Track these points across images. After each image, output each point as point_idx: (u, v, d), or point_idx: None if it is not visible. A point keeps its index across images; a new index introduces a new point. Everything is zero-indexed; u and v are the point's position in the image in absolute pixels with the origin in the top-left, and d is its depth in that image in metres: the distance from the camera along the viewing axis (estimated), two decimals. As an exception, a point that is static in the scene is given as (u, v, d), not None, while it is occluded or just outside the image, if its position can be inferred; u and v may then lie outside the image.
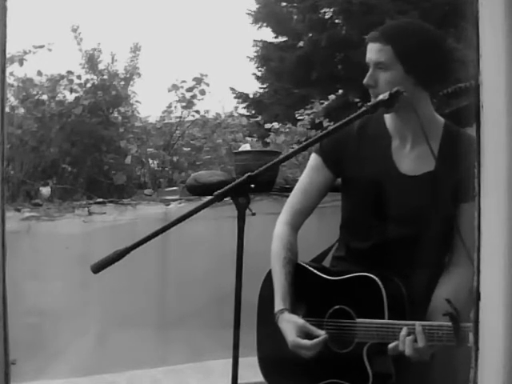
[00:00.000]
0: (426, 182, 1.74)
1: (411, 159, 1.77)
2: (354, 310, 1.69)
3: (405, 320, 1.61)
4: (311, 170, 1.89)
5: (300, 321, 1.72)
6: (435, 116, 1.81)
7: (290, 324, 1.72)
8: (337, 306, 1.73)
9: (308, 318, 1.75)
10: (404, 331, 1.58)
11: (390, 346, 1.60)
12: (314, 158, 1.90)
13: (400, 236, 1.74)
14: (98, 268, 1.46)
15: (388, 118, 1.81)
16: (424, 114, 1.73)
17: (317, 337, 1.68)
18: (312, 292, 1.83)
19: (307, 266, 1.87)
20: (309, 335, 1.69)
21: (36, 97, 5.17)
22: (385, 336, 1.62)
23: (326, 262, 1.98)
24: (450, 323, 1.50)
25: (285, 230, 1.87)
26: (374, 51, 1.71)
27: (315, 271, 1.84)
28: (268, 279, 1.88)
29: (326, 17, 11.07)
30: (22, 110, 5.16)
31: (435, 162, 1.71)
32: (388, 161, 1.78)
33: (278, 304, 1.77)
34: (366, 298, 1.69)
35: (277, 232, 1.89)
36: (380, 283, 1.64)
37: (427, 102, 1.77)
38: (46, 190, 4.51)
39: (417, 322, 1.58)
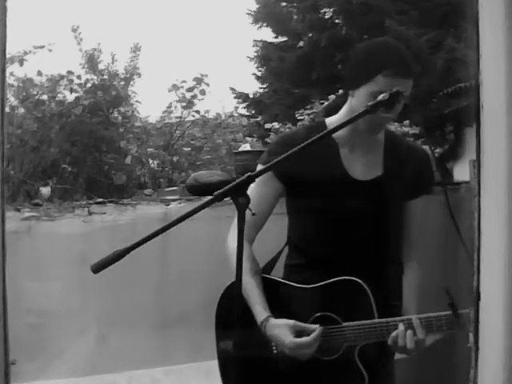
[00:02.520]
0: (376, 185, 1.78)
1: (361, 166, 1.80)
2: (338, 315, 1.69)
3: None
4: (260, 183, 1.81)
5: (290, 321, 1.69)
6: None
7: (282, 327, 1.69)
8: (318, 314, 1.71)
9: None
10: (402, 327, 1.61)
11: (390, 342, 1.62)
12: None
13: (357, 238, 1.76)
14: (97, 268, 1.46)
15: (331, 126, 1.81)
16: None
17: (312, 332, 1.66)
18: (287, 303, 1.80)
19: (275, 278, 1.85)
20: (302, 334, 1.68)
21: (36, 97, 5.18)
22: (378, 335, 1.64)
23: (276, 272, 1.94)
24: (447, 312, 1.56)
25: None
26: (407, 86, 1.68)
27: (286, 282, 1.82)
28: (226, 296, 1.85)
29: (326, 17, 11.09)
30: (22, 110, 5.16)
31: (383, 167, 1.79)
32: (339, 167, 1.80)
33: (261, 314, 1.72)
34: (350, 301, 1.69)
35: (233, 248, 1.86)
36: (364, 285, 1.66)
37: None
38: (46, 190, 4.51)
39: (413, 316, 1.62)
